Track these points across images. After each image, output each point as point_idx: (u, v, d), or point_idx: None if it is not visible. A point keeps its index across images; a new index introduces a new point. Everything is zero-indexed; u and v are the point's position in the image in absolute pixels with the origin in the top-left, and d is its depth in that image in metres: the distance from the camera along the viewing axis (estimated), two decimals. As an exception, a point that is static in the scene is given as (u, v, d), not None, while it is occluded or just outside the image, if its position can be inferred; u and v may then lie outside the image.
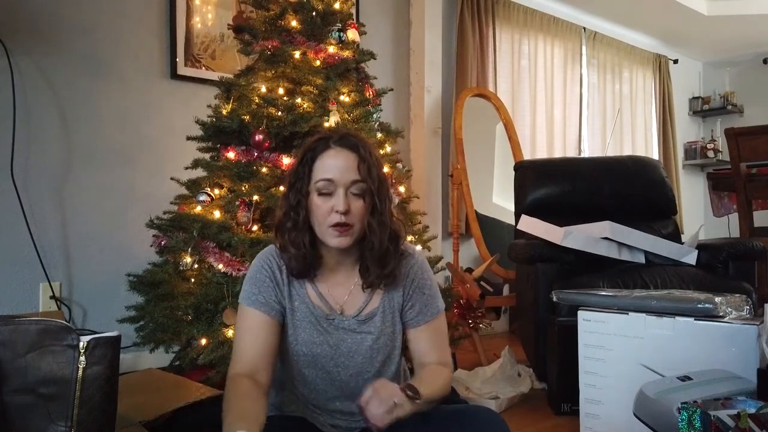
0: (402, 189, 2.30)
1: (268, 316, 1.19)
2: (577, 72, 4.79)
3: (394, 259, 1.21)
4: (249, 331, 1.19)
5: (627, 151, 5.10)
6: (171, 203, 2.20)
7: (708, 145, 5.91)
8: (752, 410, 1.23)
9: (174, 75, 2.77)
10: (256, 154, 2.06)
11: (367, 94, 2.29)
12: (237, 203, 2.00)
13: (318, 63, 2.17)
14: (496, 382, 2.22)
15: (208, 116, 2.18)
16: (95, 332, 1.04)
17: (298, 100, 2.10)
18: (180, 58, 2.78)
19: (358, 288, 1.24)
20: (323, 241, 1.18)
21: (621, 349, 1.67)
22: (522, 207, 2.84)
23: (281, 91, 2.14)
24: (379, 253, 1.18)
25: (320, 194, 1.15)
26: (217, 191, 2.11)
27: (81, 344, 1.00)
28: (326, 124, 2.03)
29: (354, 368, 1.21)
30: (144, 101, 2.70)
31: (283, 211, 1.20)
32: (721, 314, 1.57)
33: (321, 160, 1.16)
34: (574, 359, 1.76)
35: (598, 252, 2.33)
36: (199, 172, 2.17)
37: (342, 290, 1.24)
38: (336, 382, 1.22)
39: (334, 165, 1.15)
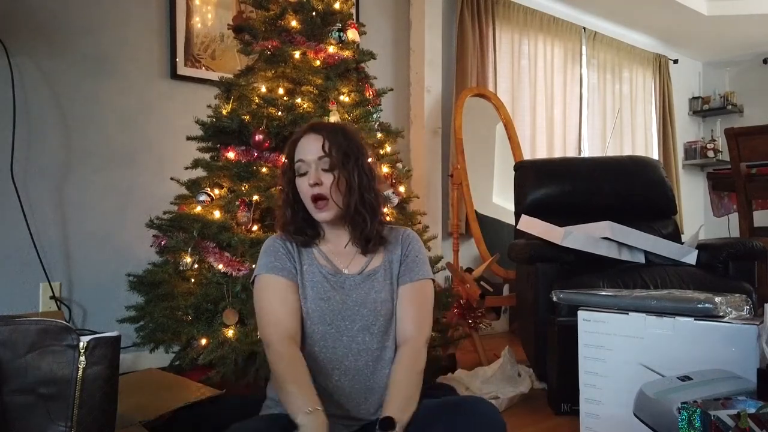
0: (402, 189, 2.30)
1: (288, 280, 1.30)
2: (577, 72, 4.79)
3: (372, 222, 1.33)
4: (276, 295, 1.29)
5: (627, 151, 5.10)
6: (171, 203, 2.20)
7: (708, 145, 5.91)
8: (752, 410, 1.23)
9: (174, 75, 2.77)
10: (256, 154, 2.06)
11: (367, 94, 2.29)
12: (237, 203, 2.00)
13: (318, 63, 2.17)
14: (496, 382, 2.22)
15: (208, 116, 2.18)
16: (95, 332, 1.04)
17: (298, 100, 2.10)
18: (180, 58, 2.78)
19: (359, 254, 1.36)
20: (314, 217, 1.33)
21: (621, 349, 1.67)
22: (522, 207, 2.84)
23: (281, 91, 2.14)
24: (349, 215, 1.31)
25: (299, 175, 1.32)
26: (217, 191, 2.11)
27: (81, 344, 1.00)
28: (326, 124, 2.03)
29: (361, 321, 1.29)
30: (144, 101, 2.70)
31: (278, 196, 1.40)
32: (721, 314, 1.57)
33: (297, 147, 1.34)
34: (574, 359, 1.76)
35: (598, 252, 2.33)
36: (199, 172, 2.17)
37: (345, 256, 1.36)
38: (344, 338, 1.29)
39: (305, 147, 1.32)
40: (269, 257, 1.33)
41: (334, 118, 2.05)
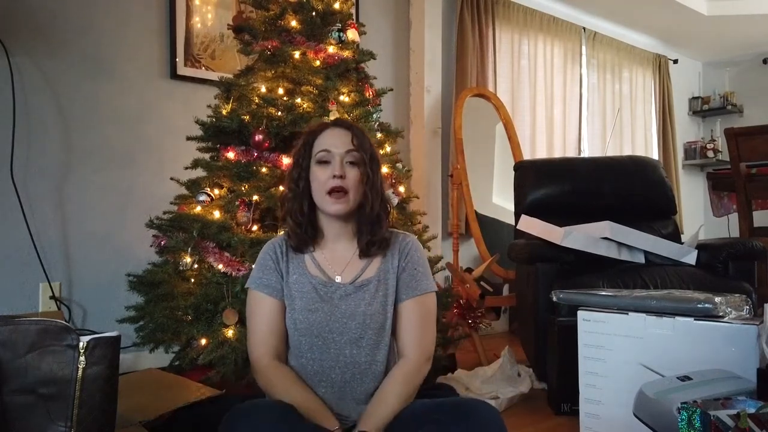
0: (402, 189, 2.30)
1: (276, 299, 1.30)
2: (577, 72, 4.79)
3: (385, 225, 1.33)
4: (265, 318, 1.30)
5: (627, 151, 5.10)
6: (171, 203, 2.20)
7: (708, 145, 5.91)
8: (752, 410, 1.23)
9: (174, 75, 2.77)
10: (255, 154, 2.06)
11: (367, 94, 2.29)
12: (237, 203, 2.00)
13: (318, 63, 2.17)
14: (496, 382, 2.22)
15: (208, 116, 2.18)
16: (95, 332, 1.04)
17: (298, 100, 2.10)
18: (180, 58, 2.78)
19: (356, 258, 1.33)
20: (322, 209, 1.30)
21: (621, 349, 1.67)
22: (522, 207, 2.84)
23: (281, 91, 2.14)
24: (370, 217, 1.29)
25: (319, 163, 1.29)
26: (217, 191, 2.11)
27: (81, 344, 1.00)
28: (326, 124, 2.03)
29: (348, 334, 1.27)
30: (144, 101, 2.70)
31: (286, 185, 1.36)
32: (720, 314, 1.57)
33: (320, 138, 1.31)
34: (574, 359, 1.76)
35: (598, 252, 2.33)
36: (199, 172, 2.17)
37: (341, 261, 1.33)
38: (332, 350, 1.27)
39: (331, 139, 1.30)
40: (259, 271, 1.32)
41: (333, 118, 2.05)
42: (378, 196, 1.30)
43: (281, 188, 2.02)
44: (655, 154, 5.44)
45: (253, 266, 1.35)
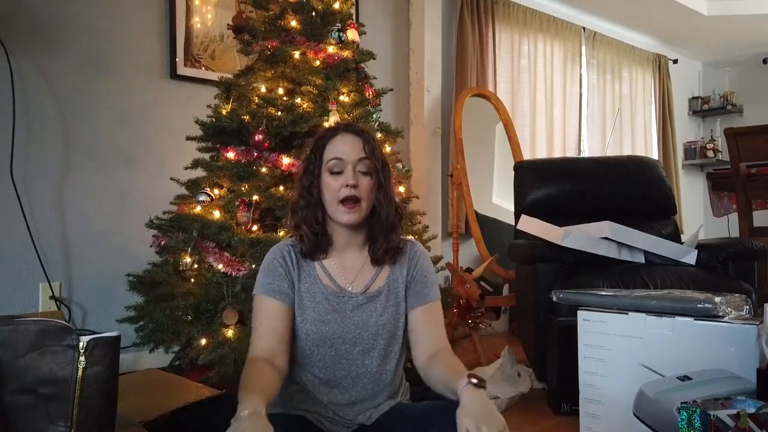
0: (402, 189, 2.30)
1: (283, 303, 1.26)
2: (576, 72, 4.79)
3: (399, 232, 1.31)
4: (267, 319, 1.25)
5: (627, 151, 5.10)
6: (171, 203, 2.20)
7: (708, 145, 5.92)
8: (752, 410, 1.23)
9: (174, 75, 2.77)
10: (255, 154, 2.06)
11: (367, 94, 2.29)
12: (237, 203, 2.00)
13: (318, 63, 2.17)
14: (496, 382, 2.22)
15: (208, 116, 2.18)
16: (95, 332, 1.04)
17: (298, 100, 2.10)
18: (180, 58, 2.78)
19: (367, 266, 1.31)
20: (334, 219, 1.27)
21: (621, 349, 1.67)
22: (522, 207, 2.84)
23: (281, 91, 2.14)
24: (386, 225, 1.28)
25: (331, 173, 1.25)
26: (216, 191, 2.11)
27: (81, 344, 1.00)
28: (326, 125, 2.03)
29: (361, 344, 1.26)
30: (144, 101, 2.70)
31: (297, 192, 1.31)
32: (720, 314, 1.57)
33: (330, 144, 1.28)
34: (574, 359, 1.76)
35: (598, 252, 2.33)
36: (199, 172, 2.18)
37: (351, 269, 1.30)
38: (344, 361, 1.26)
39: (342, 147, 1.26)
40: (267, 277, 1.28)
41: (334, 118, 2.05)
42: (391, 203, 1.28)
43: (281, 189, 2.02)
44: (655, 154, 5.44)
45: (260, 271, 1.30)
